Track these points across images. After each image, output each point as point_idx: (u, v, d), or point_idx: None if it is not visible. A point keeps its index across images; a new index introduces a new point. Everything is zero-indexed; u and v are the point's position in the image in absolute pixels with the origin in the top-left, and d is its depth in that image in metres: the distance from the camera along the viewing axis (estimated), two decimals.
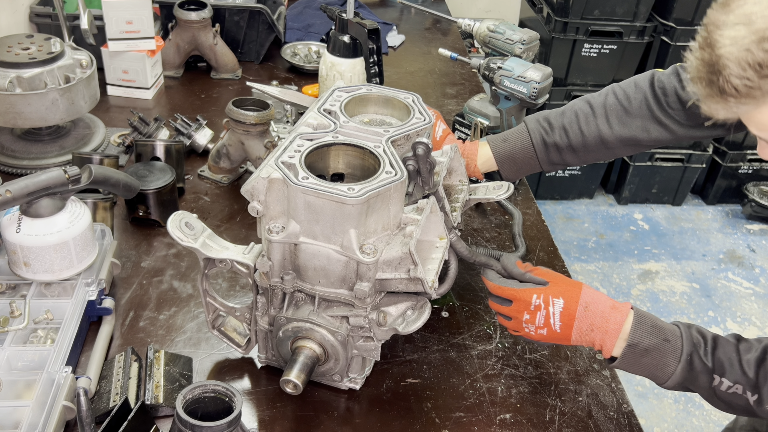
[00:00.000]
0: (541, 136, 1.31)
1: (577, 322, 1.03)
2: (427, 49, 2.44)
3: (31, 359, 1.04)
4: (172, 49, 2.00)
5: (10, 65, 1.47)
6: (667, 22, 3.34)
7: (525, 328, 1.07)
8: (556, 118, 1.31)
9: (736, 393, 0.98)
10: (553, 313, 1.04)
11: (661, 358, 1.01)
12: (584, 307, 1.03)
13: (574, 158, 1.32)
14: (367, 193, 0.91)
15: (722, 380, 0.98)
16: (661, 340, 1.01)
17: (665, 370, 1.01)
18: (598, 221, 3.70)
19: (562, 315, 1.03)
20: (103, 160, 1.47)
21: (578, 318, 1.03)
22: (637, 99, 1.26)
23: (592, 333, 1.03)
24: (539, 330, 1.05)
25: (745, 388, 0.98)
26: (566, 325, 1.04)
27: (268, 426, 1.06)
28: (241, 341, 1.15)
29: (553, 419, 1.12)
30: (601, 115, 1.28)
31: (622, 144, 1.29)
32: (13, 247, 1.10)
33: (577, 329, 1.03)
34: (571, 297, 1.04)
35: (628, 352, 1.02)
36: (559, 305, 1.04)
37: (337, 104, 1.12)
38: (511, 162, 1.35)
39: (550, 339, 1.06)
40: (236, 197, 1.56)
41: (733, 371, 0.98)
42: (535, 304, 1.04)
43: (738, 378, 0.98)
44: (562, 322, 1.04)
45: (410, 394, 1.13)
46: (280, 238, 0.96)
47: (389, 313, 1.00)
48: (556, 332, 1.04)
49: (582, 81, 3.51)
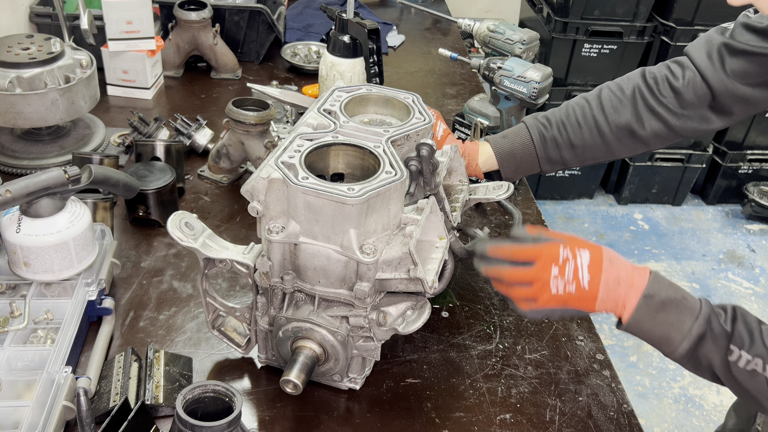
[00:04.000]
0: (540, 131, 1.31)
1: (605, 275, 0.98)
2: (427, 49, 2.44)
3: (31, 359, 1.04)
4: (172, 49, 2.00)
5: (10, 65, 1.47)
6: (667, 22, 3.34)
7: (552, 288, 0.99)
8: (554, 113, 1.33)
9: (755, 371, 0.92)
10: (581, 265, 0.98)
11: (678, 314, 0.96)
12: (609, 261, 0.99)
13: (573, 156, 1.32)
14: (367, 193, 0.91)
15: (741, 354, 0.92)
16: (680, 296, 0.97)
17: (681, 328, 0.95)
18: (598, 221, 3.70)
19: (590, 267, 0.98)
20: (103, 160, 1.47)
21: (605, 270, 0.98)
22: (629, 88, 1.29)
23: (618, 288, 0.98)
24: (568, 287, 0.98)
25: (765, 363, 0.92)
26: (594, 279, 0.98)
27: (268, 426, 1.06)
28: (241, 341, 1.15)
29: (553, 419, 1.12)
30: (597, 107, 1.30)
31: (618, 136, 1.29)
32: (13, 247, 1.10)
33: (604, 283, 0.98)
34: (595, 250, 1.00)
35: (643, 305, 0.97)
36: (586, 257, 0.99)
37: (336, 104, 1.12)
38: (511, 159, 1.34)
39: (575, 300, 0.99)
40: (236, 197, 1.56)
41: (754, 343, 0.92)
42: (564, 257, 0.99)
43: (759, 351, 0.92)
44: (591, 275, 0.98)
45: (410, 394, 1.13)
46: (280, 238, 0.96)
47: (389, 313, 1.00)
48: (584, 289, 0.98)
49: (582, 81, 3.51)
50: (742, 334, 0.94)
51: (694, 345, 0.96)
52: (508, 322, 1.29)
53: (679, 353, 0.97)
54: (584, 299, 0.99)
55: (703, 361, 0.97)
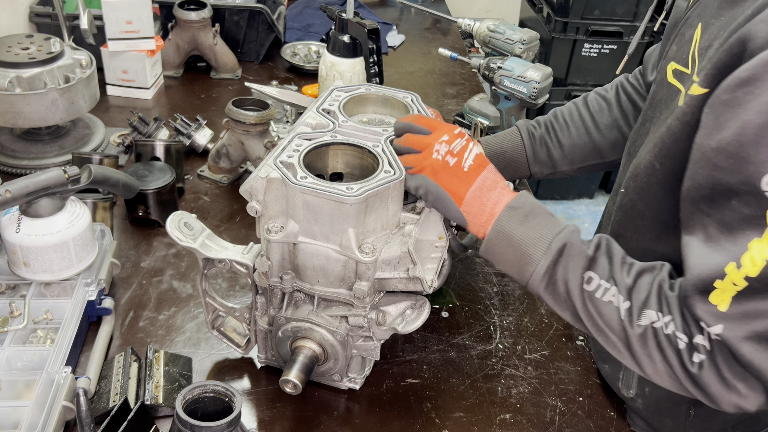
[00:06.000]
0: (529, 130, 1.32)
1: (486, 172, 0.95)
2: (427, 49, 2.44)
3: (31, 359, 1.04)
4: (171, 49, 2.00)
5: (10, 65, 1.47)
6: (667, 22, 3.34)
7: (435, 152, 0.96)
8: (543, 117, 1.35)
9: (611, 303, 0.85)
10: (471, 149, 0.97)
11: (541, 229, 0.90)
12: (495, 170, 0.98)
13: (561, 156, 1.31)
14: (366, 192, 0.91)
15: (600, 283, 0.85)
16: (547, 212, 0.92)
17: (541, 244, 0.89)
18: (598, 221, 3.69)
19: (478, 157, 0.96)
20: (102, 160, 1.47)
21: (488, 170, 0.96)
22: (612, 88, 1.33)
23: (492, 192, 0.94)
24: (449, 157, 0.95)
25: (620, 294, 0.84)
26: (476, 168, 0.95)
27: (267, 426, 1.06)
28: (240, 341, 1.15)
29: (553, 419, 1.11)
30: (583, 106, 1.33)
31: (606, 135, 1.29)
32: (12, 247, 1.10)
33: (482, 178, 0.95)
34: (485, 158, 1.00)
35: (505, 215, 0.92)
36: (477, 149, 0.98)
37: (335, 104, 1.12)
38: (500, 158, 1.33)
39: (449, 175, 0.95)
40: (236, 197, 1.56)
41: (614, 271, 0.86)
42: (459, 131, 0.99)
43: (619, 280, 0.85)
44: (474, 163, 0.95)
45: (410, 394, 1.13)
46: (279, 237, 0.96)
47: (388, 312, 1.00)
48: (461, 170, 0.95)
49: (582, 81, 3.51)
50: (603, 261, 0.87)
51: (553, 263, 0.88)
52: (508, 322, 1.29)
53: (537, 274, 0.90)
54: (457, 181, 0.95)
55: (560, 285, 0.89)
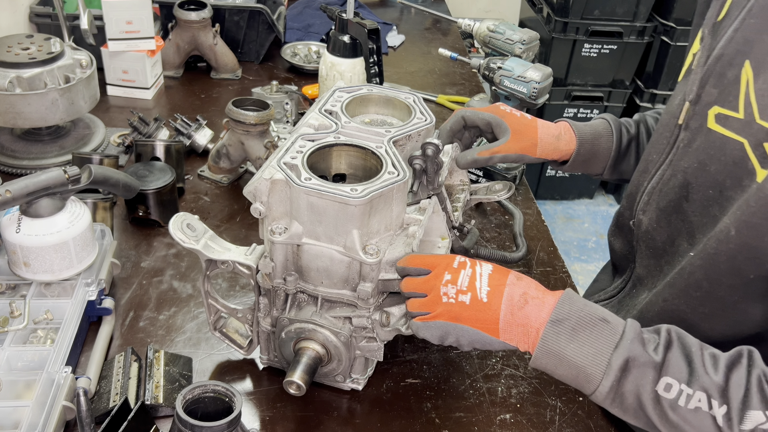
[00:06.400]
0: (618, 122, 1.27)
1: (509, 289, 0.83)
2: (427, 49, 2.44)
3: (31, 359, 1.04)
4: (172, 49, 2.00)
5: (10, 65, 1.47)
6: (667, 22, 3.34)
7: (444, 296, 0.84)
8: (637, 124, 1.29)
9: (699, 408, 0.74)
10: (480, 274, 0.85)
11: (594, 343, 0.78)
12: (516, 276, 0.85)
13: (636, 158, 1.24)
14: (370, 193, 0.91)
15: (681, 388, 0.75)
16: (596, 318, 0.79)
17: (597, 361, 0.77)
18: (598, 221, 3.70)
19: (491, 277, 0.84)
20: (103, 160, 1.46)
21: (510, 284, 0.83)
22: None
23: (525, 307, 0.81)
24: (461, 296, 0.83)
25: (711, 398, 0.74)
26: (495, 291, 0.82)
27: (268, 426, 1.06)
28: (243, 342, 1.15)
29: (553, 419, 1.11)
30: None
31: None
32: (12, 247, 1.10)
33: (508, 298, 0.82)
34: (500, 267, 0.88)
35: (551, 333, 0.79)
36: (487, 268, 0.86)
37: (338, 105, 1.12)
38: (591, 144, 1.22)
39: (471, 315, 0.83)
40: (236, 197, 1.56)
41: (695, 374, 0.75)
42: (459, 261, 0.87)
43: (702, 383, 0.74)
44: (491, 286, 0.83)
45: (410, 394, 1.13)
46: (283, 239, 0.95)
47: (392, 313, 1.00)
48: (480, 301, 0.82)
49: (582, 81, 3.51)
50: (679, 362, 0.76)
51: (617, 380, 0.77)
52: None
53: (599, 393, 0.79)
54: (482, 315, 0.83)
55: (629, 399, 0.78)
